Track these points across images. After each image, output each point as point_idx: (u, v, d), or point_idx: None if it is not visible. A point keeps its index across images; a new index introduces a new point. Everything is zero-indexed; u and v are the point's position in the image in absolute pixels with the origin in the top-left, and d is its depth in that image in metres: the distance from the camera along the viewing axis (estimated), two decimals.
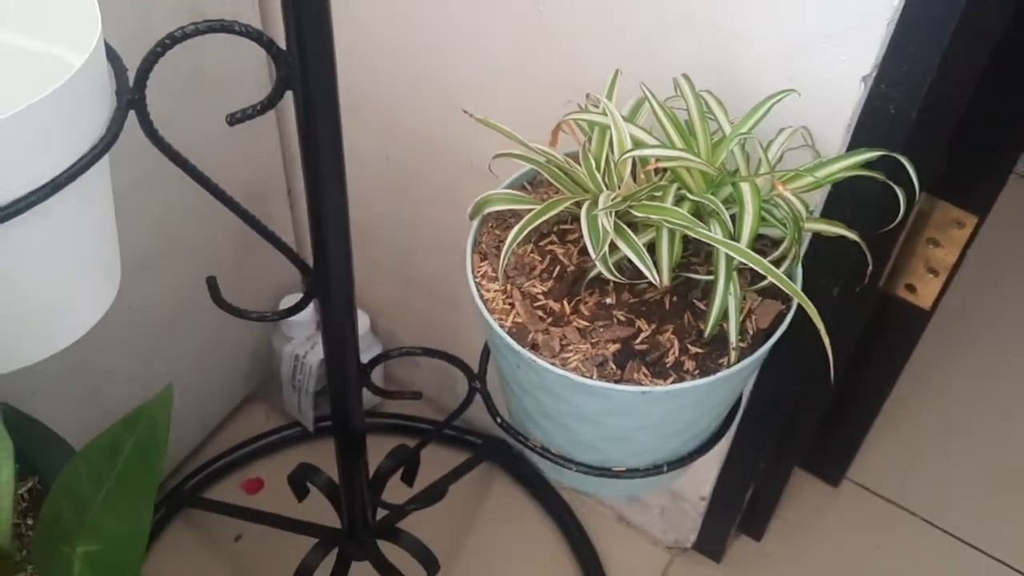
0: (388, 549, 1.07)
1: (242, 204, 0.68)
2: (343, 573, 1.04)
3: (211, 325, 1.22)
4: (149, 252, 1.06)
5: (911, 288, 1.07)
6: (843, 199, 0.82)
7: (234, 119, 0.62)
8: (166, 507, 1.24)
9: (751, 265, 0.64)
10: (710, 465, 1.13)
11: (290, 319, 1.26)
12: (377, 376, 1.34)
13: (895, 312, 1.10)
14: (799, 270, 0.75)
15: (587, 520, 1.28)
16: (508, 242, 0.69)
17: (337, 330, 0.78)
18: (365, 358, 1.27)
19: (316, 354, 1.25)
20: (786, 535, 1.29)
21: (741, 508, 1.19)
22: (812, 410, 1.10)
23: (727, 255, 0.65)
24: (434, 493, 1.00)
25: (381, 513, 1.04)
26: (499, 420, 0.83)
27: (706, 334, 0.69)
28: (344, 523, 1.00)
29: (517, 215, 0.78)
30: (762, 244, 0.76)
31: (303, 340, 1.26)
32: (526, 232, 0.68)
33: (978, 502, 1.34)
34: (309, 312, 1.26)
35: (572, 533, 1.27)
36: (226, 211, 0.67)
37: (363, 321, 1.27)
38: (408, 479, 1.04)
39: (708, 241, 0.66)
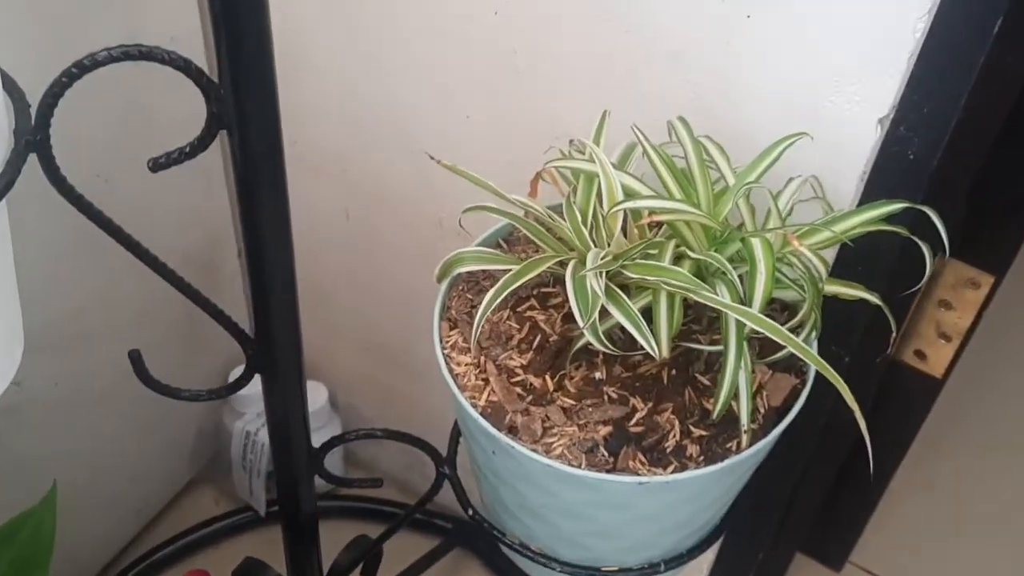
0: None
1: (186, 277, 0.58)
2: None
3: (150, 400, 1.10)
4: (79, 320, 0.95)
5: (920, 355, 0.98)
6: (855, 258, 0.73)
7: (157, 164, 0.52)
8: None
9: (767, 334, 0.54)
10: (703, 557, 1.03)
11: (240, 393, 1.15)
12: (336, 455, 1.24)
13: (903, 381, 1.01)
14: (814, 340, 0.66)
15: None
16: (482, 309, 0.59)
17: (283, 411, 0.67)
18: (320, 439, 1.17)
19: None
20: None
21: None
22: (814, 493, 1.01)
23: (737, 322, 0.56)
24: None
25: None
26: (471, 512, 0.72)
27: (715, 415, 0.59)
28: None
29: (491, 276, 0.69)
30: (771, 309, 0.67)
31: (254, 416, 1.15)
32: (502, 297, 0.59)
33: None
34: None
35: None
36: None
37: (320, 394, 1.17)
38: (368, 575, 0.93)
39: (715, 306, 0.56)
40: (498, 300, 0.58)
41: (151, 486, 1.18)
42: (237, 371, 1.16)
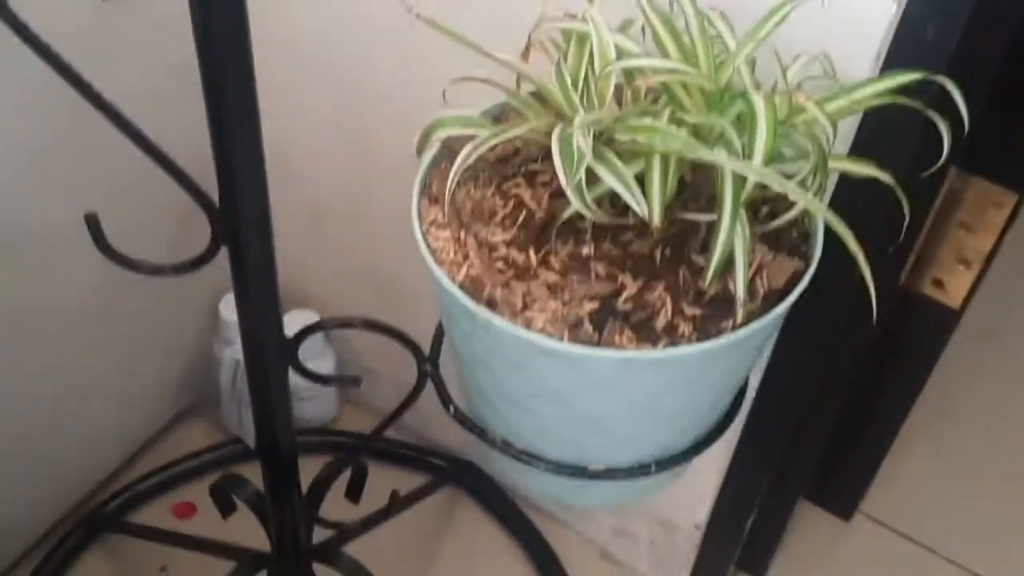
0: None
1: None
2: None
3: (136, 325, 1.07)
4: (60, 228, 0.92)
5: (939, 283, 0.93)
6: (871, 144, 0.69)
7: None
8: (82, 532, 1.08)
9: (767, 183, 0.50)
10: (706, 486, 0.98)
11: (231, 320, 1.12)
12: (330, 389, 1.20)
13: (919, 313, 0.96)
14: (820, 229, 0.61)
15: (566, 555, 1.12)
16: (458, 162, 0.55)
17: (252, 291, 0.63)
18: (313, 367, 1.13)
19: None
20: (792, 574, 1.14)
21: (740, 540, 1.04)
22: (823, 419, 0.96)
23: (734, 176, 0.52)
24: (381, 513, 0.85)
25: (321, 538, 0.89)
26: (452, 409, 0.68)
27: (707, 280, 0.55)
28: (272, 542, 0.84)
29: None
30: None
31: None
32: (482, 150, 0.55)
33: (1004, 538, 1.19)
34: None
35: (548, 570, 1.11)
36: (159, 187, 0.55)
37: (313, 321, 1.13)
38: (353, 495, 0.89)
39: (710, 161, 0.52)
40: (476, 154, 0.55)
41: (138, 415, 1.15)
42: (226, 298, 1.14)
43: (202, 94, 0.54)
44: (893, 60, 0.65)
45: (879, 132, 0.68)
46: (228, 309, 1.11)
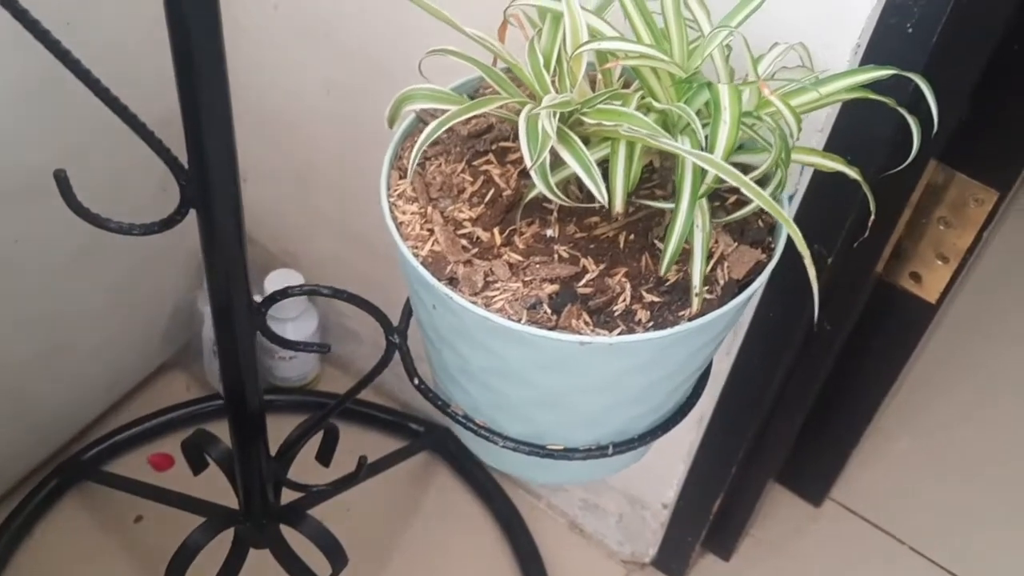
0: (296, 539, 0.92)
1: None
2: (239, 560, 0.90)
3: (122, 277, 1.07)
4: (43, 175, 0.92)
5: (916, 277, 0.94)
6: (846, 137, 0.69)
7: None
8: (58, 479, 1.09)
9: (726, 179, 0.50)
10: (675, 467, 0.99)
11: None
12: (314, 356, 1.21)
13: (895, 306, 0.97)
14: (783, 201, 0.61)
15: (536, 526, 1.13)
16: (422, 138, 0.55)
17: (220, 254, 0.64)
18: (297, 328, 1.14)
19: None
20: (758, 556, 1.15)
21: (708, 521, 1.05)
22: (795, 406, 0.97)
23: (694, 167, 0.52)
24: (349, 478, 0.86)
25: (291, 499, 0.90)
26: (416, 381, 0.69)
27: (662, 269, 0.55)
28: (240, 501, 0.85)
29: (450, 130, 0.65)
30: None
31: None
32: (447, 126, 0.55)
33: (971, 531, 1.20)
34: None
35: (519, 540, 1.12)
36: (136, 151, 0.54)
37: (297, 282, 1.13)
38: (324, 458, 0.90)
39: (673, 150, 0.52)
40: (442, 130, 0.55)
41: (122, 366, 1.16)
42: None
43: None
44: (872, 53, 0.65)
45: (854, 126, 0.68)
46: None
